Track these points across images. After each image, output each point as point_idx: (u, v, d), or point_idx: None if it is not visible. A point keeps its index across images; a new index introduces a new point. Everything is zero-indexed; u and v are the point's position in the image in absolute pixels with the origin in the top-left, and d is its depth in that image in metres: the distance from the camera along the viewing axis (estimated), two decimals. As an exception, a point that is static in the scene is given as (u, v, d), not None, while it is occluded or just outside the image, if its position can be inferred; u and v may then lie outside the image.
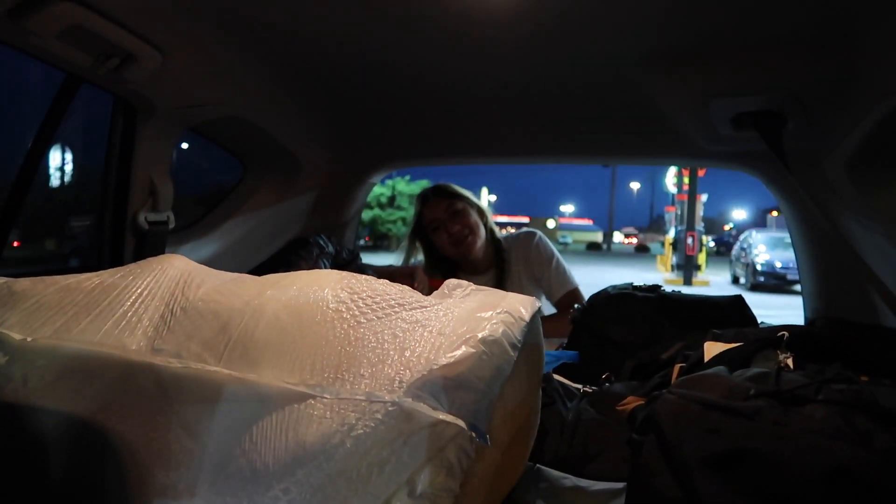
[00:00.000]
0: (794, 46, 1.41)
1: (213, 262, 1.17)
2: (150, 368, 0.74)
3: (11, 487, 0.73)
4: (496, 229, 2.50)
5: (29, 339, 0.78)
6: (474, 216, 2.41)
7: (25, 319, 0.81)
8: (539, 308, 0.85)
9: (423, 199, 2.45)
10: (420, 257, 2.56)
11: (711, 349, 1.09)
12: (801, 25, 1.33)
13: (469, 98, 1.94)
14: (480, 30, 1.43)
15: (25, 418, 0.73)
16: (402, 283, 0.89)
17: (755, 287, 16.24)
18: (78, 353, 0.76)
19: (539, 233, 2.55)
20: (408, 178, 34.84)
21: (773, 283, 15.91)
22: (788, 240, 2.37)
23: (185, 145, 2.22)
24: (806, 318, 2.25)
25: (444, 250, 2.42)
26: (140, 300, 0.83)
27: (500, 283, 2.39)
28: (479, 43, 1.51)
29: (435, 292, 0.90)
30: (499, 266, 2.43)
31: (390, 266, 2.61)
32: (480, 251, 2.42)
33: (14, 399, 0.74)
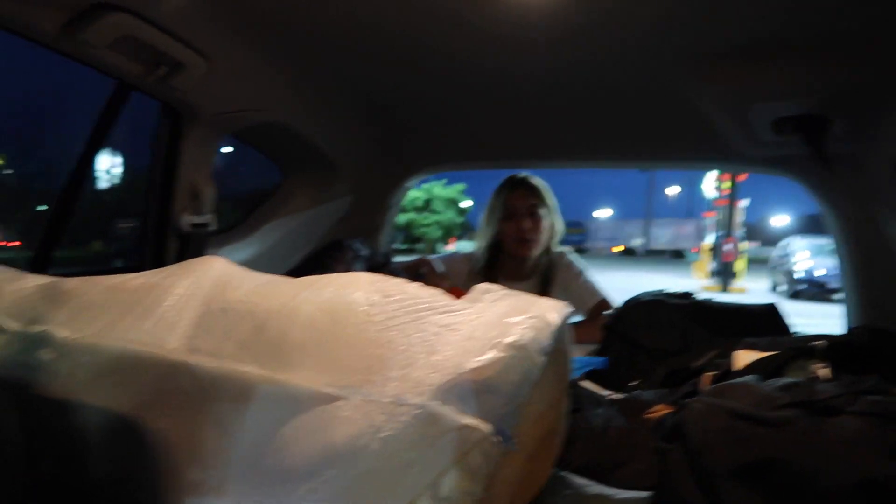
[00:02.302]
0: (838, 49, 1.38)
1: (252, 264, 1.20)
2: (188, 367, 0.76)
3: (55, 477, 0.76)
4: (555, 245, 2.51)
5: (75, 337, 0.81)
6: (546, 226, 2.42)
7: (73, 317, 0.84)
8: (568, 314, 0.86)
9: (513, 184, 2.44)
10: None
11: (743, 357, 1.07)
12: (845, 28, 1.31)
13: (506, 102, 1.95)
14: (519, 32, 1.44)
15: (71, 412, 0.76)
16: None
17: (795, 295, 15.80)
18: (120, 352, 0.79)
19: (569, 251, 2.57)
20: (444, 182, 34.92)
21: (813, 291, 15.46)
22: (830, 247, 2.31)
23: (226, 149, 2.28)
24: (848, 328, 2.19)
25: (504, 239, 2.43)
26: (180, 300, 0.86)
27: (543, 294, 2.39)
28: (517, 46, 1.51)
29: (465, 296, 0.91)
30: (545, 279, 2.44)
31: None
32: (531, 260, 2.44)
33: (61, 394, 0.77)
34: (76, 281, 0.93)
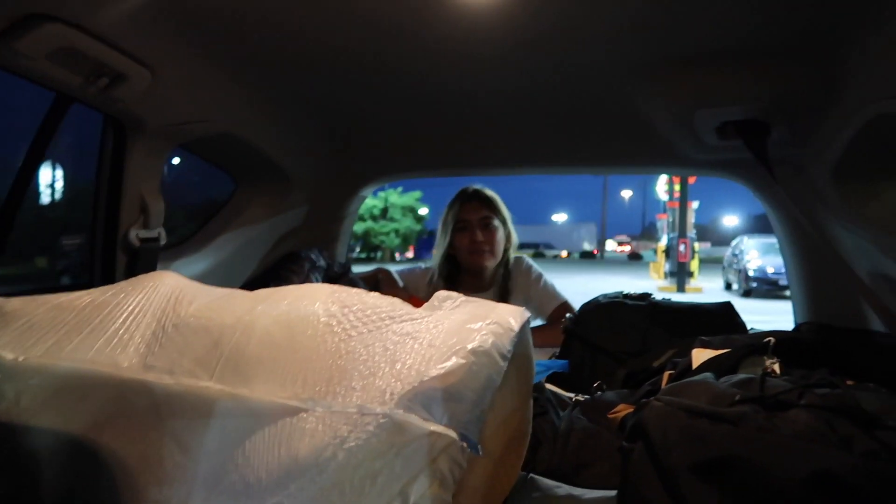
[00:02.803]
0: (777, 56, 1.43)
1: (205, 278, 1.17)
2: (143, 385, 0.74)
3: (10, 502, 0.73)
4: (512, 256, 2.50)
5: (21, 359, 0.78)
6: (500, 237, 2.42)
7: (17, 339, 0.81)
8: (528, 318, 0.86)
9: (465, 197, 2.44)
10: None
11: (699, 356, 1.10)
12: (784, 36, 1.36)
13: (459, 110, 1.96)
14: (470, 41, 1.45)
15: (19, 437, 0.73)
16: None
17: (748, 293, 16.31)
18: (70, 372, 0.76)
19: (526, 257, 2.59)
20: (400, 189, 34.92)
21: (766, 288, 15.98)
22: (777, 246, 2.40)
23: (175, 160, 2.23)
24: (796, 324, 2.27)
25: (459, 251, 2.43)
26: (132, 317, 0.83)
27: (504, 302, 2.36)
28: (468, 54, 1.52)
29: (425, 304, 0.90)
30: (505, 287, 2.44)
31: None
32: (489, 270, 2.43)
33: (7, 418, 0.74)
34: (20, 301, 0.89)
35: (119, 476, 0.71)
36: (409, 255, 36.64)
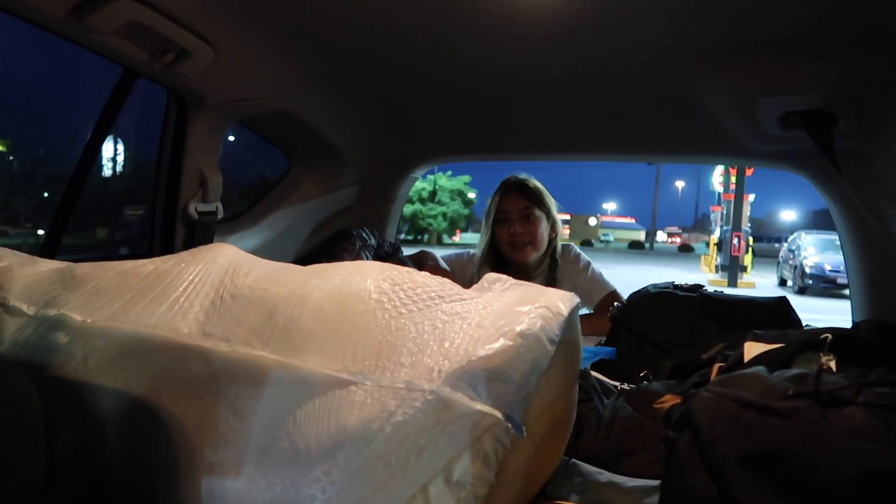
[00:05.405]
0: (847, 44, 1.38)
1: (259, 253, 1.21)
2: (201, 351, 0.77)
3: (73, 457, 0.78)
4: (559, 245, 2.46)
5: (89, 321, 0.82)
6: (543, 227, 2.37)
7: (86, 302, 0.85)
8: (577, 304, 0.86)
9: (505, 188, 2.40)
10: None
11: (752, 349, 1.08)
12: (853, 23, 1.30)
13: (512, 94, 1.94)
14: (525, 25, 1.43)
15: (86, 395, 0.77)
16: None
17: (802, 290, 15.80)
18: (134, 336, 0.80)
19: (574, 245, 2.55)
20: (449, 173, 34.88)
21: (822, 286, 15.45)
22: (836, 242, 2.31)
23: (231, 137, 2.29)
24: (853, 323, 2.19)
25: (500, 243, 2.41)
26: (192, 286, 0.86)
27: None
28: (523, 38, 1.51)
29: (474, 286, 0.91)
30: (551, 276, 2.41)
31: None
32: (533, 261, 2.40)
33: (75, 376, 0.78)
34: (88, 266, 0.94)
35: (176, 437, 0.74)
36: (457, 238, 36.68)
